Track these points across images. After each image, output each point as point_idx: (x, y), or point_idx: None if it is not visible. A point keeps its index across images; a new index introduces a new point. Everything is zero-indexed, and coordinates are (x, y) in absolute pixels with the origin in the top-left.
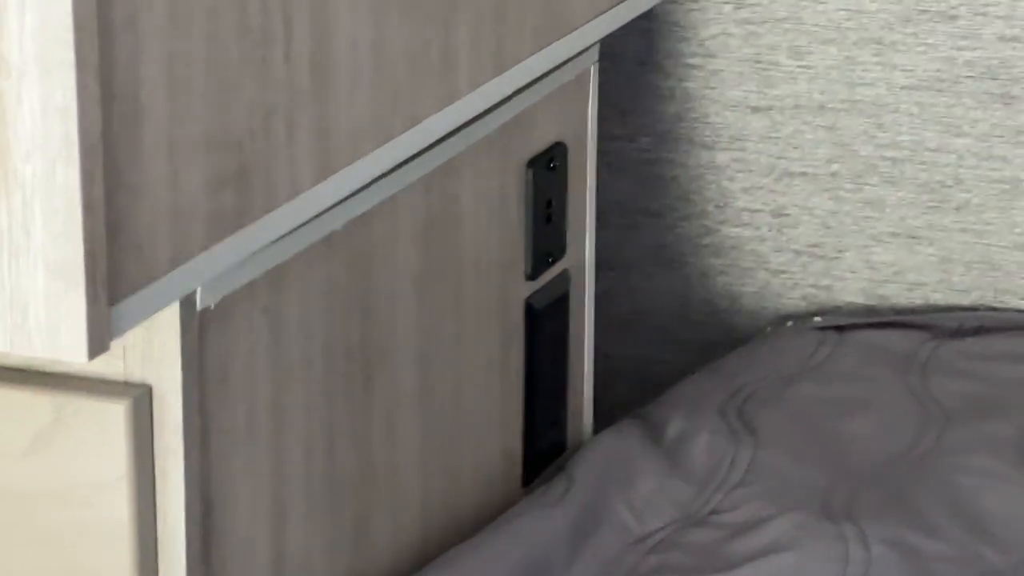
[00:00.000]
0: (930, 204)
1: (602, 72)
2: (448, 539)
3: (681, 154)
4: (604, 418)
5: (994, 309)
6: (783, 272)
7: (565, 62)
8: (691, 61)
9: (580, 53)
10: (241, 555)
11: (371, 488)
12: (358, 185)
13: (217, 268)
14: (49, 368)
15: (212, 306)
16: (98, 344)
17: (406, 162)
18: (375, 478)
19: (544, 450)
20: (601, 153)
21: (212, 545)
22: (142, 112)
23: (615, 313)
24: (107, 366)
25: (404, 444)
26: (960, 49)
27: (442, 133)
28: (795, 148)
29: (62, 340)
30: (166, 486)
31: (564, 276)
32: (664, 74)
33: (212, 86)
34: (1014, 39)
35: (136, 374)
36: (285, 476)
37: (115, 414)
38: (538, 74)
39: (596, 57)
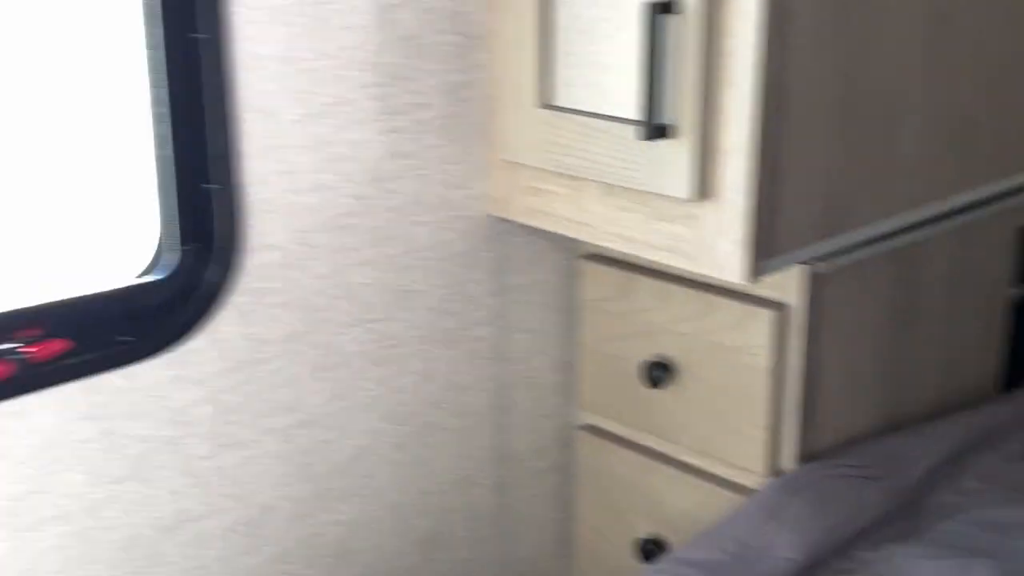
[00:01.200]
0: None
1: None
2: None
3: None
4: None
5: None
6: None
7: None
8: None
9: None
10: (833, 419)
11: (902, 388)
12: (917, 219)
13: (819, 253)
14: (748, 291)
15: (825, 272)
16: (750, 278)
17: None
18: (905, 384)
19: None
20: None
21: (814, 399)
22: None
23: None
24: (769, 292)
25: (927, 368)
26: None
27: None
28: None
29: (736, 274)
30: (791, 351)
31: None
32: None
33: (836, 136)
34: None
35: (782, 298)
36: (858, 368)
37: (768, 317)
38: None
39: None
